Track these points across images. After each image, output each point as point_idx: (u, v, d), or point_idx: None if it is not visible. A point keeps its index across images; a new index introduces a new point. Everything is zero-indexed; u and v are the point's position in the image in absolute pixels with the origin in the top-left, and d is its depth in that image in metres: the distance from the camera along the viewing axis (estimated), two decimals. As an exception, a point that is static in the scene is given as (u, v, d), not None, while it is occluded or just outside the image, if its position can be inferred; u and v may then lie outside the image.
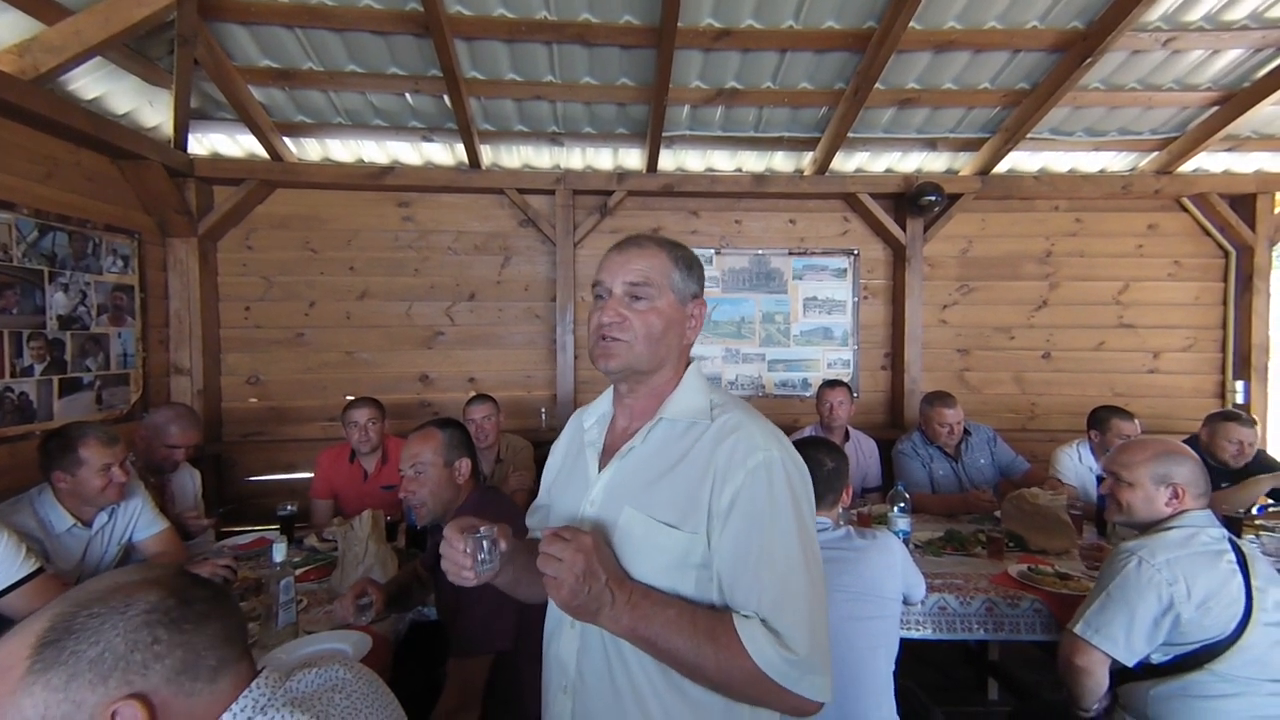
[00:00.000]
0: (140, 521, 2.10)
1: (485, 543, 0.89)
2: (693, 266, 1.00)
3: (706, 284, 3.97)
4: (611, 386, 1.06)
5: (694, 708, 0.88)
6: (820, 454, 1.70)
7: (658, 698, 0.88)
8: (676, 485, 0.90)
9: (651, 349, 0.94)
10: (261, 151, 3.46)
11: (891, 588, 1.60)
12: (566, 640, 0.96)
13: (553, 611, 1.02)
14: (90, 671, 0.62)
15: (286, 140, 3.48)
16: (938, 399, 3.00)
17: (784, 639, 0.81)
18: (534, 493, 1.24)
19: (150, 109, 3.05)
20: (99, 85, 2.79)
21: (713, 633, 0.82)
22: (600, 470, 0.99)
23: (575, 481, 1.03)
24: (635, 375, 0.97)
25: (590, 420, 1.07)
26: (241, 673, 0.71)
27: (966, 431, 3.02)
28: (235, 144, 3.48)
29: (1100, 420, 2.84)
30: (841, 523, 1.71)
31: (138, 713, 0.62)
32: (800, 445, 1.74)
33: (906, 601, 1.72)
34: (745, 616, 0.83)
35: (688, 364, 1.02)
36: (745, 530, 0.85)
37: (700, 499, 0.88)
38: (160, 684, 0.64)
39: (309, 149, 3.60)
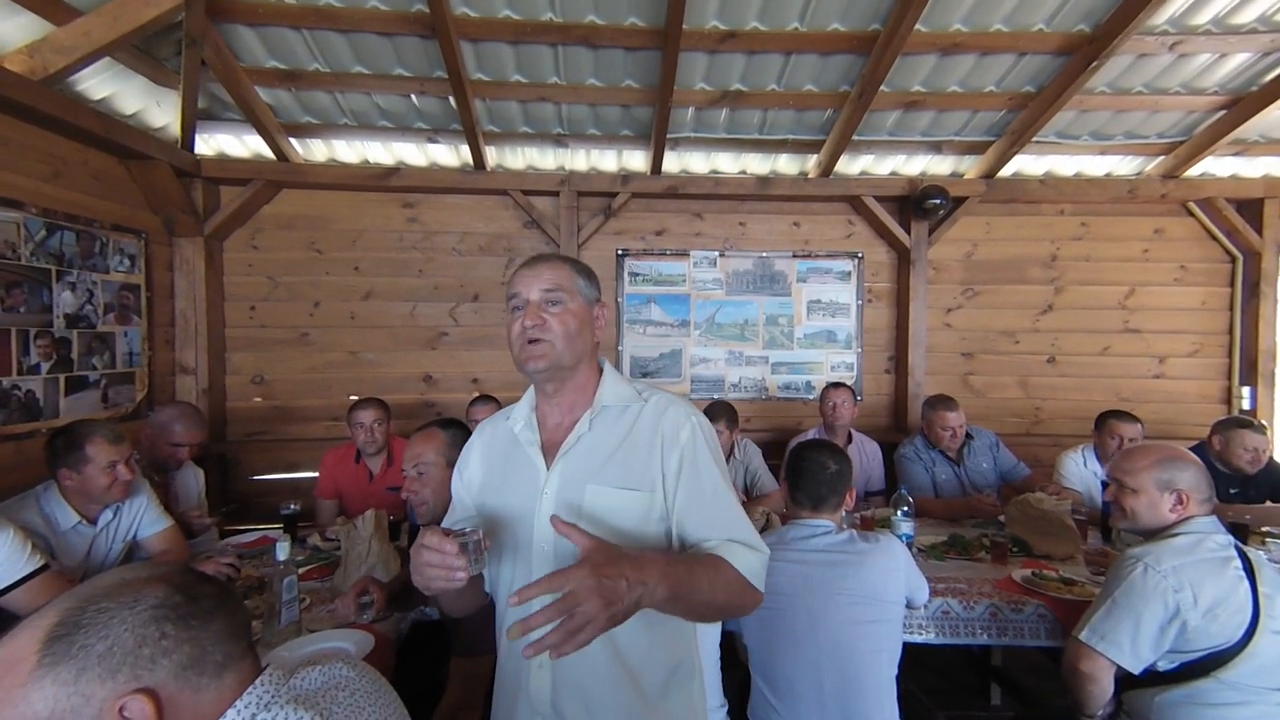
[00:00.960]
0: (144, 519, 2.11)
1: (472, 544, 0.92)
2: (591, 276, 1.15)
3: (710, 285, 3.95)
4: (528, 392, 1.17)
5: (661, 635, 1.05)
6: (824, 456, 1.70)
7: (633, 641, 1.02)
8: (630, 456, 1.05)
9: (570, 346, 1.06)
10: (268, 152, 3.47)
11: (894, 591, 1.60)
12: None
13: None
14: (99, 666, 0.62)
15: (293, 141, 3.49)
16: (939, 402, 3.00)
17: (751, 545, 1.03)
18: None
19: (158, 109, 3.07)
20: (107, 85, 2.81)
21: (711, 566, 0.98)
22: (549, 463, 1.08)
23: (520, 479, 1.10)
24: (560, 372, 1.08)
25: (519, 424, 1.14)
26: (246, 669, 0.71)
27: (969, 436, 3.01)
28: (242, 144, 3.50)
29: (1105, 424, 2.84)
30: (844, 526, 1.71)
31: (145, 707, 0.62)
32: (803, 448, 1.75)
33: (910, 605, 1.72)
34: (714, 544, 1.01)
35: (598, 363, 1.17)
36: (695, 481, 1.05)
37: (653, 464, 1.05)
38: (167, 679, 0.65)
39: (315, 150, 3.61)
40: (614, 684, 1.01)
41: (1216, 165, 3.79)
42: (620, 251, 3.90)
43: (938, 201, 3.59)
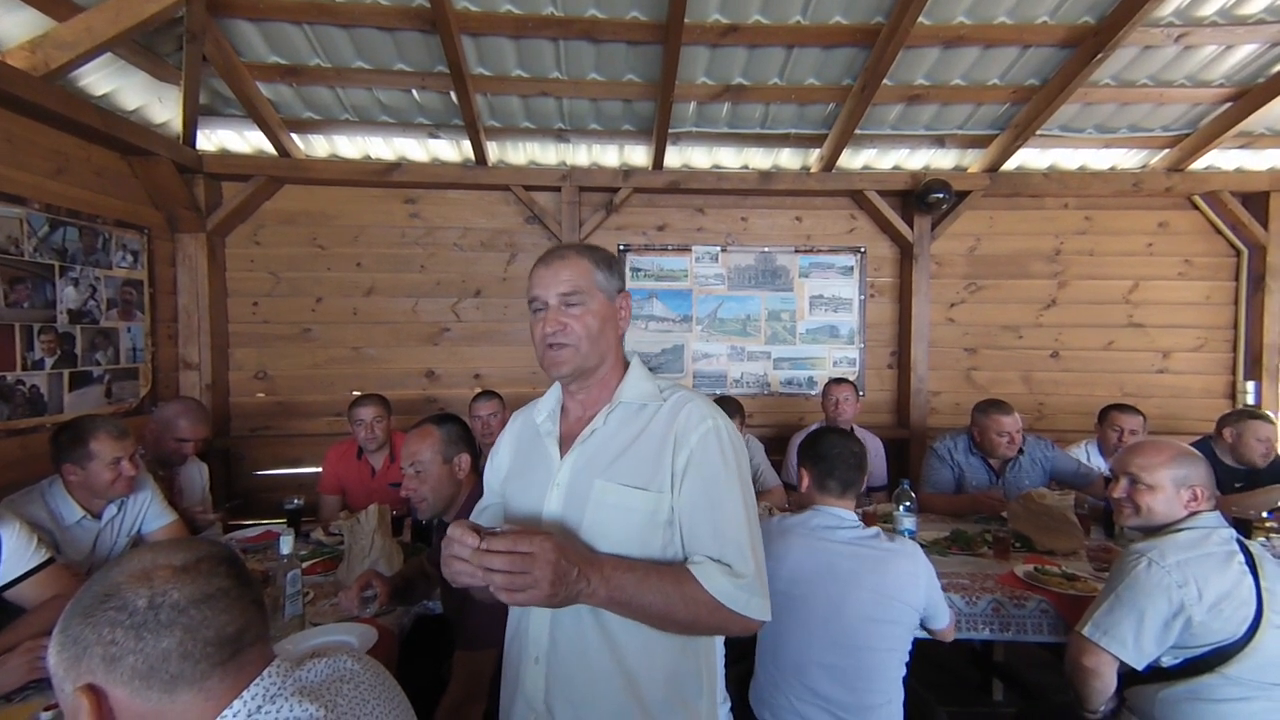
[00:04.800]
0: (149, 514, 2.12)
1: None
2: (613, 265, 1.11)
3: (713, 280, 3.92)
4: (555, 385, 1.16)
5: (663, 644, 1.00)
6: (847, 440, 1.73)
7: (632, 643, 0.99)
8: (640, 454, 1.02)
9: (593, 346, 1.06)
10: (269, 148, 3.47)
11: (913, 596, 1.59)
12: (538, 615, 1.03)
13: None
14: (74, 647, 0.65)
15: (294, 136, 3.49)
16: (993, 406, 2.76)
17: (733, 569, 0.97)
18: None
19: (160, 105, 3.07)
20: (109, 81, 2.80)
21: (676, 579, 0.94)
22: (564, 456, 1.08)
23: (536, 470, 1.11)
24: (584, 373, 1.08)
25: (542, 415, 1.15)
26: (210, 690, 0.67)
27: (1020, 450, 2.76)
28: (243, 140, 3.50)
29: (1106, 416, 2.85)
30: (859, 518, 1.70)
31: (84, 702, 0.63)
32: (824, 434, 1.77)
33: (926, 626, 1.68)
34: (697, 561, 0.97)
35: (624, 356, 1.14)
36: (699, 484, 1.00)
37: (663, 462, 1.01)
38: (118, 683, 0.65)
39: (316, 145, 3.61)
40: (608, 687, 0.99)
41: (1222, 158, 3.76)
42: (622, 247, 3.89)
43: (941, 196, 3.57)
